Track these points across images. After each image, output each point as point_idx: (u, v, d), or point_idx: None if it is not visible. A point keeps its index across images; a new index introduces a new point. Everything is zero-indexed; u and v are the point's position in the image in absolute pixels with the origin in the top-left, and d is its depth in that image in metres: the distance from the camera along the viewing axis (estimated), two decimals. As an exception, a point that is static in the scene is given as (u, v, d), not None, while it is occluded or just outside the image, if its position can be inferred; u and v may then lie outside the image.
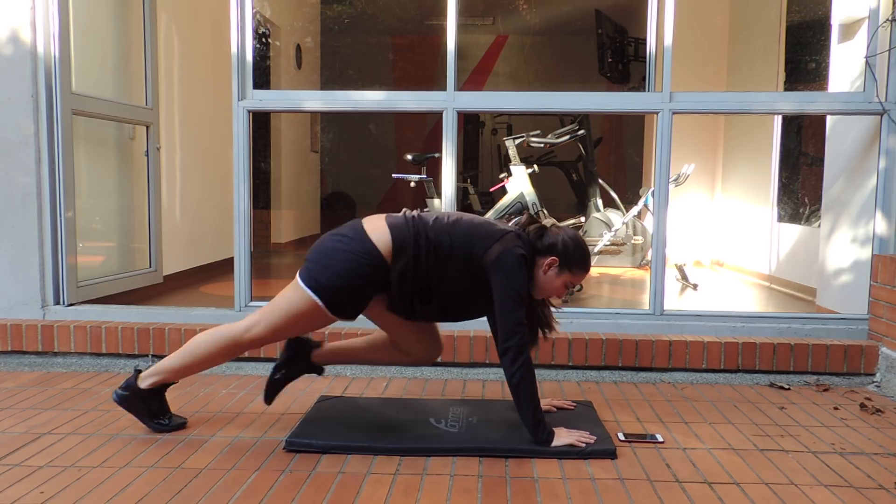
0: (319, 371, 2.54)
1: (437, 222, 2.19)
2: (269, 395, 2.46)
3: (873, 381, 2.98)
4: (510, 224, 2.27)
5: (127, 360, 3.10)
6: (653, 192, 3.23)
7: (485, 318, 2.37)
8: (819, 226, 3.95)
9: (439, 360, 3.03)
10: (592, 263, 6.08)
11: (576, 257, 2.19)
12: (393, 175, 5.79)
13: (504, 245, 2.12)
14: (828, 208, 3.55)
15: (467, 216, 2.25)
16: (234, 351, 2.24)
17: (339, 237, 2.17)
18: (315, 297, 2.12)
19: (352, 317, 2.20)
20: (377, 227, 2.16)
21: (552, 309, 2.37)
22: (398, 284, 2.14)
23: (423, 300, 2.18)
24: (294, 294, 2.15)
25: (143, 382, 2.29)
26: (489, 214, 5.00)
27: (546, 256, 2.19)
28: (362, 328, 2.94)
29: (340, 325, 3.02)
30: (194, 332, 3.04)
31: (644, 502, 1.86)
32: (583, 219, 5.80)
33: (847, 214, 3.38)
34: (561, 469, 2.06)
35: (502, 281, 2.10)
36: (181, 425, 2.36)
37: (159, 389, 2.33)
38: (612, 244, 5.55)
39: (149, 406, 2.32)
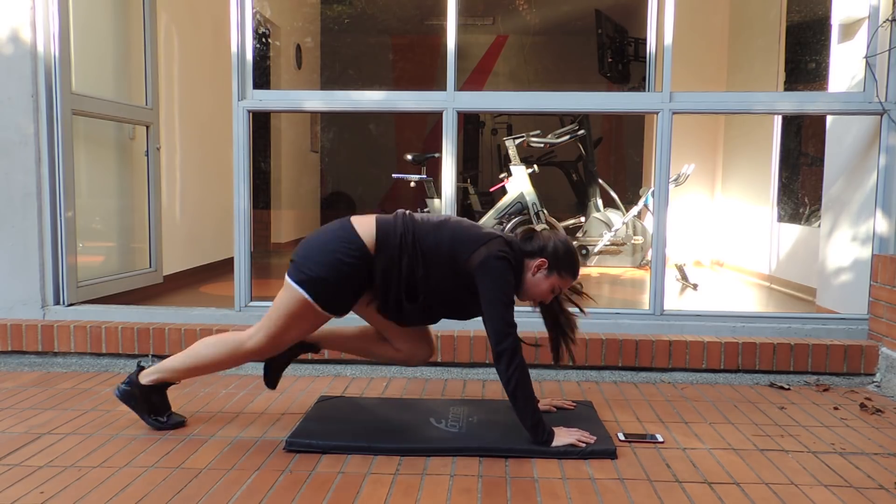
0: (316, 349, 2.51)
1: (424, 222, 2.22)
2: (271, 378, 2.45)
3: (873, 381, 2.98)
4: (509, 226, 2.27)
5: (127, 360, 3.10)
6: (653, 192, 3.23)
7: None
8: (819, 226, 3.95)
9: (438, 360, 3.03)
10: (592, 264, 6.06)
11: (565, 260, 2.21)
12: (393, 175, 5.79)
13: (489, 249, 2.13)
14: (828, 208, 3.55)
15: (455, 219, 2.26)
16: (237, 358, 2.25)
17: (323, 231, 2.20)
18: (303, 292, 2.12)
19: (342, 312, 2.21)
20: (364, 223, 2.18)
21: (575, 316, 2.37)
22: (383, 279, 2.15)
23: (409, 298, 2.19)
24: (285, 295, 2.16)
25: (144, 379, 2.31)
26: (489, 214, 5.00)
27: (535, 258, 2.20)
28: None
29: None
30: (194, 332, 3.05)
31: (644, 502, 1.86)
32: (583, 219, 5.80)
33: (847, 214, 3.38)
34: (561, 469, 2.06)
35: (488, 285, 2.11)
36: (179, 424, 2.36)
37: (161, 386, 2.34)
38: (612, 244, 5.56)
39: (150, 401, 2.33)
